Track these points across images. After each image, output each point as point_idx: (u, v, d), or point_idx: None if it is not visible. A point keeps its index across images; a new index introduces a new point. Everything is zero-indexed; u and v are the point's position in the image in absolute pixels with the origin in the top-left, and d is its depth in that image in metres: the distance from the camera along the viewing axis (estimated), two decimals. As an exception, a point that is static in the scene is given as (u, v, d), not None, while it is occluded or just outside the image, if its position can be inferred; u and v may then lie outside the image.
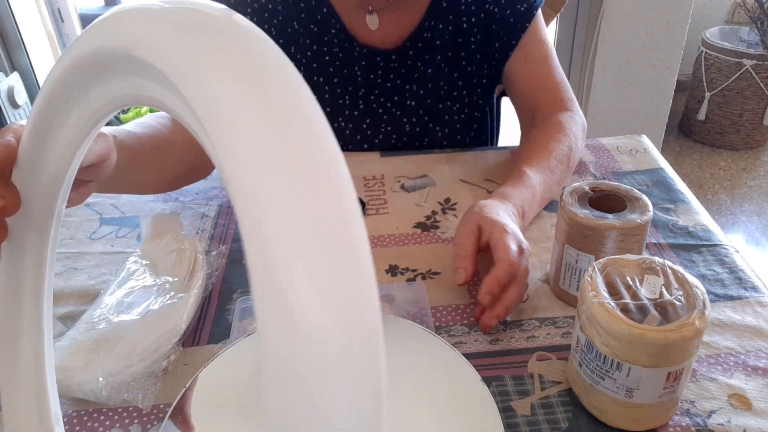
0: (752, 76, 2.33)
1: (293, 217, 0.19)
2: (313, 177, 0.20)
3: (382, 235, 0.75)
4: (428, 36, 0.85)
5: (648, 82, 1.98)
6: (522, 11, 0.83)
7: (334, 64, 0.86)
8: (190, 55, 0.22)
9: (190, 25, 0.24)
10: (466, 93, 0.91)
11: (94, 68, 0.29)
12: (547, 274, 0.68)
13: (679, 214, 0.77)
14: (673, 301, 0.48)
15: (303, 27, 0.84)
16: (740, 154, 2.51)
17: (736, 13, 2.69)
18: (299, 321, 0.18)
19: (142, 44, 0.24)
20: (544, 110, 0.84)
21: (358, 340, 0.19)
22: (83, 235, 0.78)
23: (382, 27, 0.85)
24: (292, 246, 0.19)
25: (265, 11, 0.83)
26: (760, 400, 0.53)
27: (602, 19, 1.87)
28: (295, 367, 0.18)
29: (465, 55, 0.87)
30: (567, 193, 0.62)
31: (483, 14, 0.84)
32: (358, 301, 0.19)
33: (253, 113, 0.21)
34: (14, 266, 0.39)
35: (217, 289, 0.68)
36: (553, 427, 0.51)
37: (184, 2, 0.25)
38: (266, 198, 0.19)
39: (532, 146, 0.78)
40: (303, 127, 0.21)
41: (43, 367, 0.40)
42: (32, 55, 1.96)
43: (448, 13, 0.84)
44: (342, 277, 0.19)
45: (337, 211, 0.20)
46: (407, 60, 0.87)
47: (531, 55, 0.85)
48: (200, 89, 0.22)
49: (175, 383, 0.56)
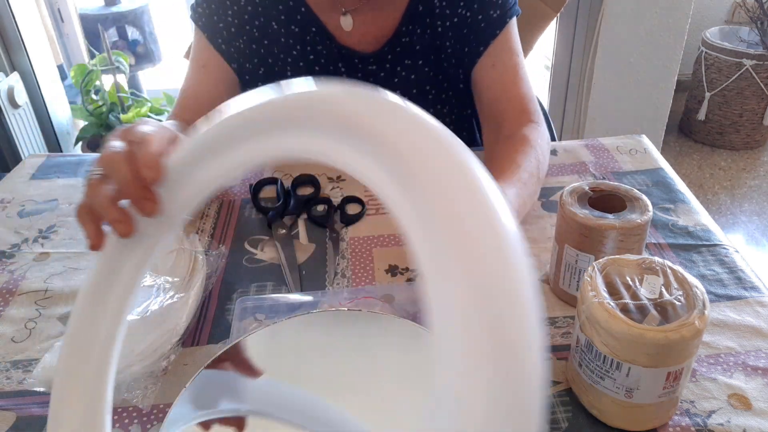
0: (752, 76, 2.33)
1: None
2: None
3: (382, 235, 0.75)
4: (407, 41, 0.84)
5: (648, 82, 1.98)
6: (494, 18, 0.82)
7: (319, 63, 0.86)
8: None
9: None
10: (453, 95, 0.90)
11: (297, 117, 0.32)
12: (547, 274, 0.68)
13: (679, 214, 0.77)
14: (673, 301, 0.48)
15: (284, 27, 0.84)
16: (740, 154, 2.51)
17: (736, 13, 2.69)
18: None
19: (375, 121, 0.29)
20: (509, 122, 0.81)
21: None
22: (83, 235, 0.78)
23: (358, 28, 0.84)
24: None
25: (245, 12, 0.83)
26: (760, 400, 0.53)
27: (602, 19, 1.87)
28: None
29: (444, 59, 0.87)
30: (567, 193, 0.62)
31: (456, 18, 0.83)
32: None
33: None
34: (118, 260, 0.41)
35: (217, 289, 0.68)
36: (553, 427, 0.51)
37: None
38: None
39: (501, 162, 0.73)
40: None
41: (110, 355, 0.41)
42: (32, 55, 1.96)
43: (424, 16, 0.83)
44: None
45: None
46: (386, 64, 0.86)
47: (499, 63, 0.83)
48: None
49: (174, 383, 0.56)
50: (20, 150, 1.91)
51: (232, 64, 0.85)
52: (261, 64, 0.86)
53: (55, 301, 0.67)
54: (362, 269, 0.70)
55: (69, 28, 2.48)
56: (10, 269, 0.72)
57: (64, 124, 2.15)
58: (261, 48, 0.85)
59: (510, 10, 0.83)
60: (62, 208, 0.83)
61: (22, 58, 1.94)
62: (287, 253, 0.72)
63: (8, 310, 0.66)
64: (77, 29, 2.47)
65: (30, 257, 0.74)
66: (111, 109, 2.05)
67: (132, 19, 2.52)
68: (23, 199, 0.86)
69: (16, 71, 1.93)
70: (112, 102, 2.06)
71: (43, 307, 0.66)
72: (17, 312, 0.66)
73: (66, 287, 0.69)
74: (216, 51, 0.84)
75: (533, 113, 0.80)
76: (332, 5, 0.83)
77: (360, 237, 0.75)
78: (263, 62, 0.86)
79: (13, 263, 0.73)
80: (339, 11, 0.83)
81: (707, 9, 2.70)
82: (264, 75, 0.87)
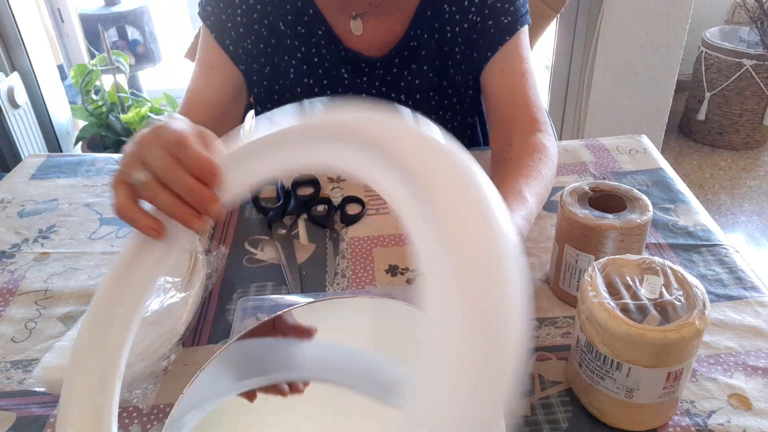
0: (752, 76, 2.33)
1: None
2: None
3: (382, 235, 0.75)
4: (414, 45, 0.84)
5: (648, 82, 1.98)
6: (504, 24, 0.81)
7: (323, 66, 0.85)
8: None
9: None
10: (456, 101, 0.90)
11: (340, 134, 0.37)
12: (547, 274, 0.68)
13: (679, 214, 0.77)
14: (673, 301, 0.48)
15: (290, 29, 0.83)
16: (740, 154, 2.51)
17: (736, 13, 2.69)
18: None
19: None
20: (519, 129, 0.79)
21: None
22: (83, 235, 0.78)
23: (367, 32, 0.84)
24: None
25: (254, 11, 0.83)
26: (760, 400, 0.53)
27: (602, 19, 1.87)
28: None
29: (451, 65, 0.86)
30: (567, 193, 0.62)
31: (466, 24, 0.83)
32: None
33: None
34: (139, 258, 0.43)
35: (217, 289, 0.68)
36: (553, 427, 0.51)
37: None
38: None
39: (523, 168, 0.72)
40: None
41: (123, 348, 0.43)
42: (32, 55, 1.96)
43: (432, 21, 0.83)
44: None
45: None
46: (393, 68, 0.85)
47: (508, 68, 0.82)
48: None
49: (175, 383, 0.56)
50: (20, 150, 1.91)
51: (240, 65, 0.84)
52: (267, 64, 0.86)
53: (55, 301, 0.67)
54: (362, 269, 0.70)
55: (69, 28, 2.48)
56: (10, 269, 0.72)
57: (64, 124, 2.15)
58: (269, 47, 0.85)
59: (522, 18, 0.82)
60: (62, 208, 0.84)
61: (22, 58, 1.94)
62: (287, 253, 0.72)
63: (8, 310, 0.66)
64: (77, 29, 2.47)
65: (30, 257, 0.74)
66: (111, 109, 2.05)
67: (132, 19, 2.52)
68: (23, 199, 0.86)
69: (16, 71, 1.93)
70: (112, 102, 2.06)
71: (43, 307, 0.66)
72: (17, 312, 0.66)
73: (66, 287, 0.69)
74: (224, 52, 0.83)
75: (542, 123, 0.79)
76: (342, 8, 0.82)
77: (360, 237, 0.75)
78: (270, 62, 0.86)
79: (13, 263, 0.73)
80: (349, 15, 0.83)
81: (707, 9, 2.70)
82: (269, 75, 0.87)
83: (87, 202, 0.85)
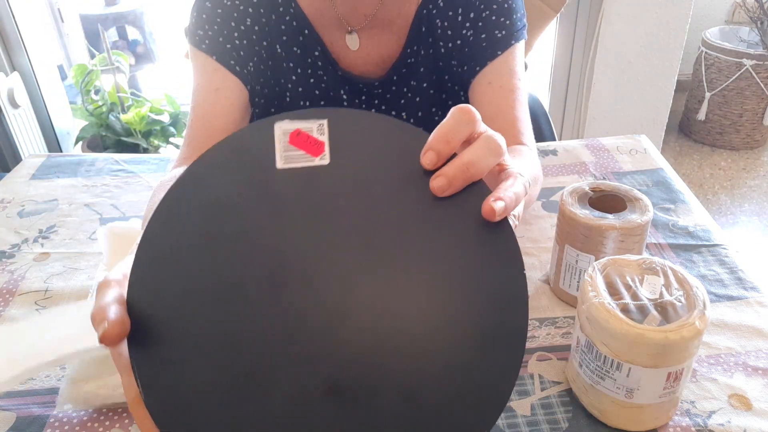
0: (752, 76, 2.33)
1: None
2: None
3: (382, 235, 0.75)
4: (412, 61, 0.83)
5: (648, 82, 1.98)
6: (497, 38, 0.79)
7: (320, 87, 0.84)
8: None
9: None
10: None
11: None
12: (547, 274, 0.68)
13: (679, 214, 0.77)
14: (673, 301, 0.48)
15: (285, 50, 0.82)
16: (740, 154, 2.51)
17: (736, 13, 2.69)
18: None
19: None
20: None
21: None
22: (83, 235, 0.78)
23: (363, 47, 0.82)
24: None
25: (252, 33, 0.81)
26: (760, 401, 0.53)
27: (602, 19, 1.87)
28: None
29: (448, 79, 0.85)
30: (567, 193, 0.62)
31: (459, 40, 0.81)
32: None
33: None
34: None
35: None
36: (553, 427, 0.51)
37: None
38: None
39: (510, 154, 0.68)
40: None
41: None
42: (32, 55, 1.96)
43: (427, 37, 0.82)
44: None
45: None
46: (392, 87, 0.84)
47: (496, 82, 0.80)
48: None
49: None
50: (20, 150, 1.91)
51: (247, 86, 0.80)
52: (266, 85, 0.83)
53: (55, 301, 0.67)
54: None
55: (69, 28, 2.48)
56: (10, 269, 0.72)
57: (64, 124, 2.15)
58: (268, 70, 0.83)
59: (517, 33, 0.80)
60: (62, 208, 0.84)
61: (22, 58, 1.94)
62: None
63: (8, 310, 0.66)
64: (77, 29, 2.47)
65: (30, 257, 0.74)
66: (111, 109, 2.05)
67: (132, 19, 2.52)
68: (23, 199, 0.86)
69: (16, 71, 1.93)
70: (112, 102, 2.06)
71: (43, 307, 0.66)
72: (17, 312, 0.66)
73: (66, 287, 0.69)
74: (229, 72, 0.78)
75: (528, 141, 0.77)
76: (338, 24, 0.81)
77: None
78: (268, 83, 0.83)
79: (13, 263, 0.73)
80: (344, 30, 0.81)
81: (707, 9, 2.70)
82: (268, 96, 0.84)
83: (87, 202, 0.85)
